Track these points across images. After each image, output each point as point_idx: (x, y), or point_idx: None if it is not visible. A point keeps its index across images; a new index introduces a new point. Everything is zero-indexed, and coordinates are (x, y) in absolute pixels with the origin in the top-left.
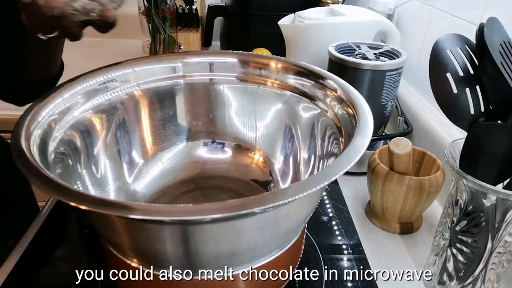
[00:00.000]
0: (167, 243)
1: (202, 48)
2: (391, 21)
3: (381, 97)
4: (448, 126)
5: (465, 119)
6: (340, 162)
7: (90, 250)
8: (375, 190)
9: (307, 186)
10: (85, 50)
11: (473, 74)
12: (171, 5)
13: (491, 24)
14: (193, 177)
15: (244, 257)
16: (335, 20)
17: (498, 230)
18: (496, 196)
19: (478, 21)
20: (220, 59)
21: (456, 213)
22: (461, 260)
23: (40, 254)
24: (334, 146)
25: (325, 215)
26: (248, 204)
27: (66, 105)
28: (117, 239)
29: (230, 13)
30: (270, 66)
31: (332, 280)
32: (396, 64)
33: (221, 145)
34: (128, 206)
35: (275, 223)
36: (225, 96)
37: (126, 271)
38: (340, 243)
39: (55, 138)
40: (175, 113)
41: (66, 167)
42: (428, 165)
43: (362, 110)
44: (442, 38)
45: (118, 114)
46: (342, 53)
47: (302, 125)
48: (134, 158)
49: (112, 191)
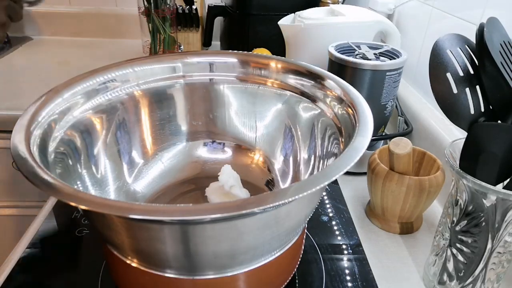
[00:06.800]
0: (167, 243)
1: (202, 48)
2: (391, 21)
3: (381, 97)
4: (448, 126)
5: (465, 119)
6: (340, 162)
7: (90, 250)
8: (375, 190)
9: (307, 186)
10: (85, 50)
11: (473, 74)
12: (171, 5)
13: (491, 24)
14: (193, 177)
15: (244, 257)
16: (335, 20)
17: (498, 230)
18: (496, 196)
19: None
20: (220, 59)
21: (456, 213)
22: (461, 260)
23: (40, 254)
24: (334, 146)
25: (325, 215)
26: (248, 204)
27: (66, 105)
28: (117, 239)
29: (230, 13)
30: (270, 66)
31: (332, 280)
32: (396, 64)
33: (221, 145)
34: (128, 206)
35: (275, 223)
36: (225, 96)
37: (126, 271)
38: (340, 243)
39: (55, 138)
40: (175, 113)
41: (66, 167)
42: (428, 165)
43: (362, 110)
44: (442, 38)
45: (118, 114)
46: (342, 53)
47: (302, 125)
48: (134, 158)
49: (112, 191)
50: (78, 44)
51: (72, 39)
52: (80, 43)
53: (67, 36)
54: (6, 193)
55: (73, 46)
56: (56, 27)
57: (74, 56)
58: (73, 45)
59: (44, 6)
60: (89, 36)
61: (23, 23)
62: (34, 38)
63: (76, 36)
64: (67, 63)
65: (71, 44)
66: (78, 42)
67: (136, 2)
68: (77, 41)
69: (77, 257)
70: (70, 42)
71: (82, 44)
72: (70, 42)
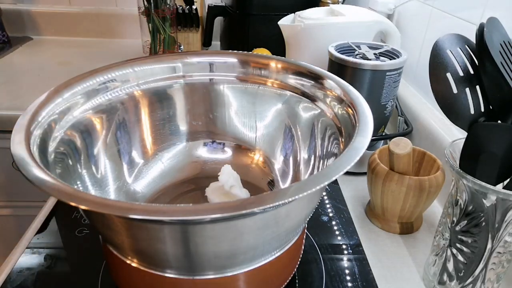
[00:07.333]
0: (167, 243)
1: (202, 48)
2: (391, 21)
3: (381, 97)
4: (448, 126)
5: (465, 119)
6: (340, 162)
7: (90, 250)
8: (375, 190)
9: (307, 186)
10: (85, 50)
11: (473, 74)
12: (171, 5)
13: (491, 24)
14: (193, 177)
15: (244, 257)
16: (335, 20)
17: (498, 230)
18: (496, 196)
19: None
20: (220, 59)
21: (456, 213)
22: (461, 260)
23: (40, 254)
24: (334, 146)
25: (325, 215)
26: (248, 204)
27: (66, 105)
28: (117, 239)
29: (230, 13)
30: (270, 66)
31: (332, 280)
32: (396, 64)
33: (221, 145)
34: (128, 206)
35: (275, 223)
36: (225, 96)
37: (126, 271)
38: (340, 243)
39: (55, 138)
40: (175, 113)
41: (66, 167)
42: (428, 165)
43: (362, 110)
44: (442, 38)
45: (118, 114)
46: (342, 53)
47: (302, 125)
48: (134, 158)
49: (112, 191)
50: (78, 44)
51: (72, 39)
52: (80, 43)
53: (67, 36)
54: (6, 193)
55: (73, 46)
56: (56, 27)
57: (74, 56)
58: (73, 45)
59: (44, 6)
60: (89, 36)
61: (23, 23)
62: (34, 38)
63: (76, 36)
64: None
65: (71, 44)
66: (78, 42)
67: (136, 2)
68: (77, 41)
69: (77, 257)
70: (70, 42)
71: (82, 44)
72: (70, 42)
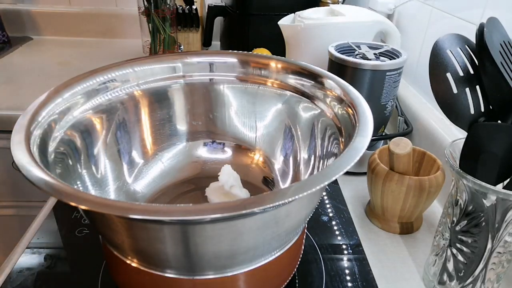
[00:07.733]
0: (167, 243)
1: (202, 48)
2: (391, 21)
3: (381, 97)
4: (448, 126)
5: (465, 119)
6: (340, 162)
7: (90, 250)
8: (375, 190)
9: (307, 186)
10: (85, 50)
11: (473, 74)
12: (171, 5)
13: (491, 24)
14: (193, 177)
15: (244, 257)
16: (335, 20)
17: (498, 230)
18: (496, 196)
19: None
20: (220, 59)
21: (456, 213)
22: (461, 260)
23: (40, 254)
24: (334, 146)
25: (325, 215)
26: (248, 204)
27: (66, 105)
28: (117, 239)
29: (230, 13)
30: (270, 66)
31: (332, 280)
32: (396, 64)
33: (221, 145)
34: (128, 206)
35: (275, 223)
36: (225, 96)
37: (126, 271)
38: (340, 243)
39: (55, 138)
40: (175, 113)
41: (66, 167)
42: (428, 165)
43: (362, 110)
44: (442, 38)
45: (118, 114)
46: (342, 53)
47: (302, 125)
48: (134, 158)
49: (112, 191)
50: (78, 44)
51: (72, 39)
52: (80, 43)
53: (67, 36)
54: (6, 193)
55: (73, 46)
56: (56, 27)
57: (74, 56)
58: (73, 45)
59: (44, 6)
60: (89, 36)
61: (23, 23)
62: (34, 38)
63: (76, 36)
64: (67, 63)
65: (71, 44)
66: (78, 42)
67: (136, 2)
68: (77, 41)
69: (77, 257)
70: (70, 42)
71: (82, 44)
72: (70, 42)
